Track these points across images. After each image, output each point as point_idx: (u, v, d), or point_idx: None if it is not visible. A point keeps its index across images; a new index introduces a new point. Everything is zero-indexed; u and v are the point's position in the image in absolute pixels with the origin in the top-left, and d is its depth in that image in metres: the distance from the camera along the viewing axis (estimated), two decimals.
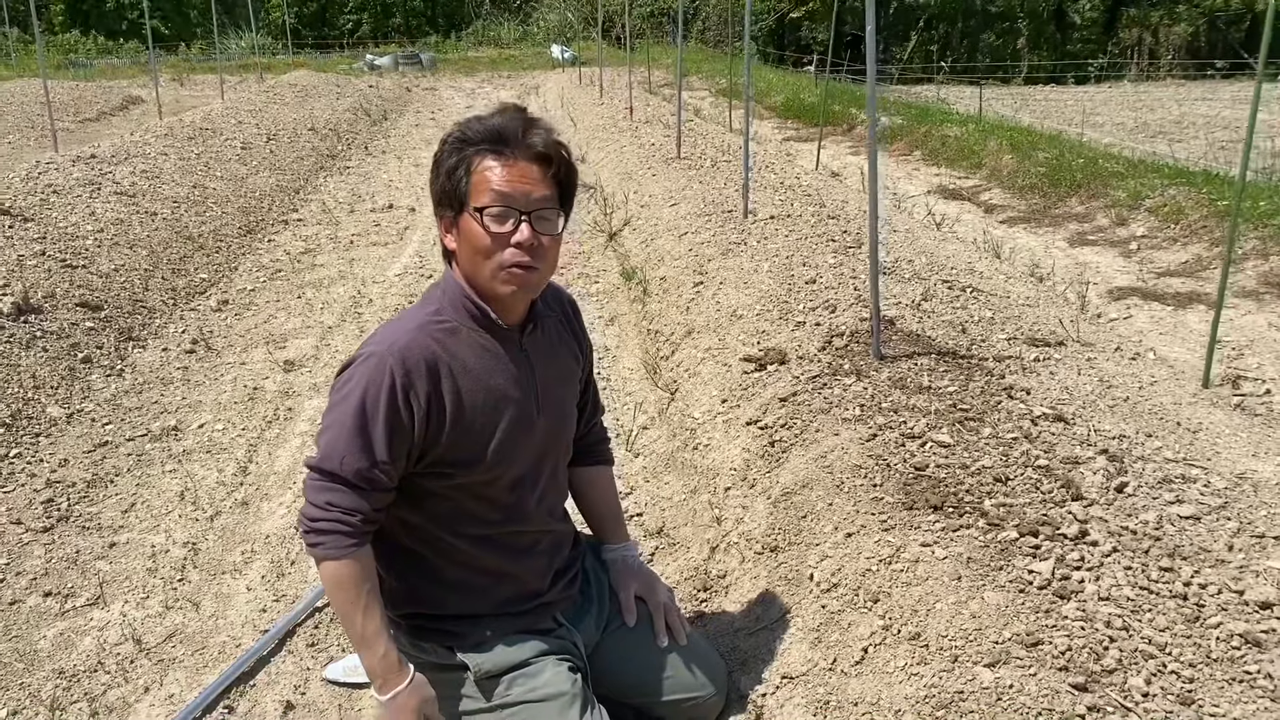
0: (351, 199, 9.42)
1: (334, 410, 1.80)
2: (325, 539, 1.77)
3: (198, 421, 4.32)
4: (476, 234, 1.79)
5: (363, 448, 1.76)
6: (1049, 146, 10.43)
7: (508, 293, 1.82)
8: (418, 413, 1.79)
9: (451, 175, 1.81)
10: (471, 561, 1.96)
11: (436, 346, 1.82)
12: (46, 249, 5.81)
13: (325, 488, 1.78)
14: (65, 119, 15.23)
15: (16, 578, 3.14)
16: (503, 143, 1.79)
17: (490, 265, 1.80)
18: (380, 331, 1.87)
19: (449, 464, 1.86)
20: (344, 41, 37.88)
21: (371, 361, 1.78)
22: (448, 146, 1.83)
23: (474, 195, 1.79)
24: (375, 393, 1.76)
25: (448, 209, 1.84)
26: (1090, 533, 2.30)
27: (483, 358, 1.87)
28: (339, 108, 15.50)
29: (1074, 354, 3.75)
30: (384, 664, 1.82)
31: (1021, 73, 31.03)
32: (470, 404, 1.85)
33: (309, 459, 1.83)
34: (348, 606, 1.81)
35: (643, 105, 13.24)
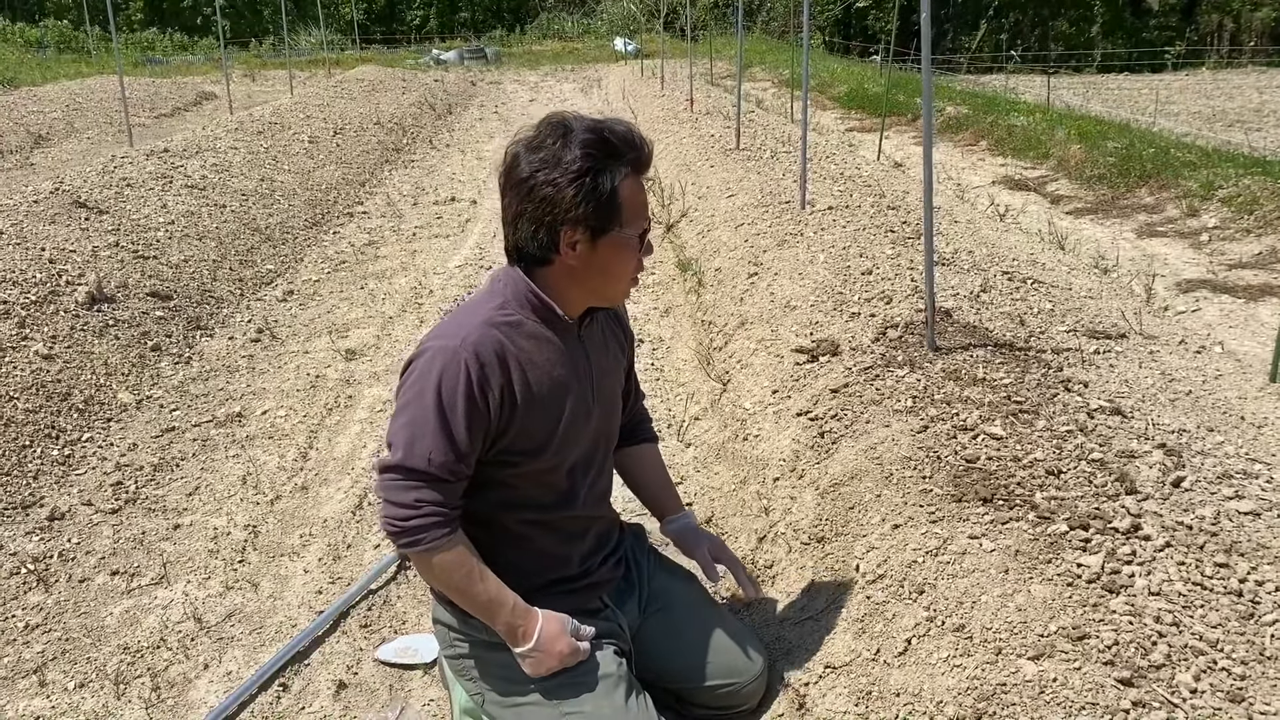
0: (415, 192, 9.55)
1: (410, 408, 1.80)
2: (423, 535, 1.79)
3: (261, 408, 4.43)
4: (628, 256, 1.85)
5: (448, 442, 1.78)
6: (1119, 136, 10.19)
7: (621, 299, 1.97)
8: (493, 404, 1.81)
9: (604, 195, 1.78)
10: (525, 544, 2.00)
11: (504, 339, 1.83)
12: (120, 240, 5.99)
13: (411, 486, 1.79)
14: (141, 115, 15.66)
15: (86, 556, 3.26)
16: (641, 161, 1.83)
17: (623, 285, 1.90)
18: (445, 325, 1.88)
19: (516, 452, 1.89)
20: (411, 36, 38.34)
21: (444, 356, 1.79)
22: (590, 159, 1.77)
23: (630, 218, 1.82)
24: (453, 386, 1.77)
25: (584, 226, 1.79)
26: (1143, 527, 2.26)
27: (546, 349, 1.89)
28: (404, 102, 15.70)
29: (1136, 347, 3.67)
30: (515, 614, 1.89)
31: (1095, 61, 30.32)
32: (537, 394, 1.87)
33: (386, 460, 1.82)
34: (464, 583, 1.86)
35: (703, 97, 13.21)
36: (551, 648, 1.90)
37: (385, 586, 3.03)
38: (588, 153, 1.77)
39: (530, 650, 1.90)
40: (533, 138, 1.83)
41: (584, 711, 1.93)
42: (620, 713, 1.92)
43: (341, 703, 2.55)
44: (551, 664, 1.92)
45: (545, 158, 1.78)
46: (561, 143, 1.78)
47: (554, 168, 1.77)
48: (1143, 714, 1.71)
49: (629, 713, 1.93)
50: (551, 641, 1.90)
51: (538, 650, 1.90)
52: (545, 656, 1.91)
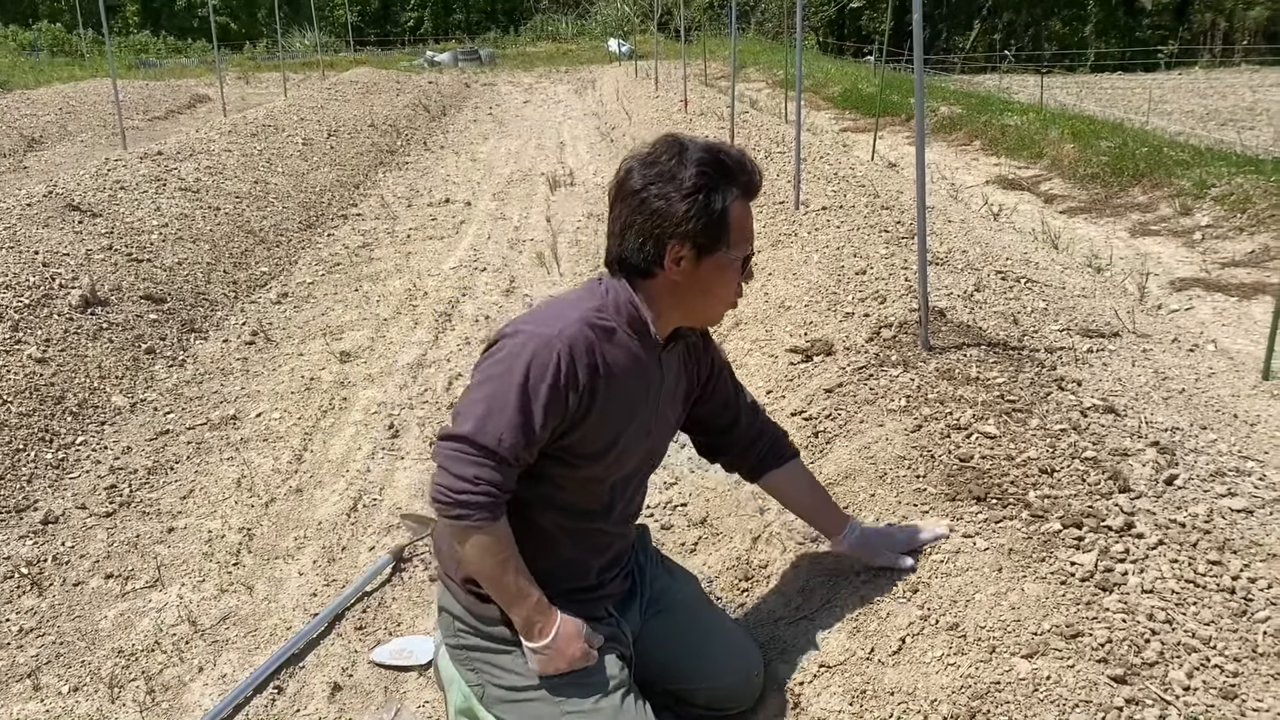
0: (409, 194, 9.54)
1: (490, 384, 1.79)
2: (472, 512, 1.79)
3: (255, 411, 4.42)
4: (726, 278, 1.86)
5: (523, 427, 1.77)
6: (1112, 135, 10.21)
7: (716, 322, 2.00)
8: (573, 401, 1.80)
9: (715, 215, 1.80)
10: (552, 548, 1.99)
11: (597, 342, 1.83)
12: (113, 243, 5.98)
13: (473, 461, 1.77)
14: (135, 118, 15.64)
15: (80, 560, 3.25)
16: (753, 188, 1.86)
17: (719, 307, 1.92)
18: (540, 313, 1.89)
19: (574, 453, 1.89)
20: (405, 38, 38.32)
21: (538, 342, 1.78)
22: (706, 177, 1.80)
23: (736, 241, 1.84)
24: (540, 373, 1.76)
25: (691, 242, 1.81)
26: (1136, 525, 2.26)
27: (630, 363, 1.89)
28: (399, 104, 15.70)
29: (1129, 345, 3.68)
30: (537, 609, 1.89)
31: (1088, 61, 30.37)
32: (612, 403, 1.87)
33: (453, 430, 1.80)
34: (496, 569, 1.86)
35: (697, 98, 13.22)
36: (565, 648, 1.91)
37: (380, 589, 3.03)
38: (702, 170, 1.79)
39: (544, 648, 1.90)
40: (648, 154, 1.85)
41: (584, 711, 1.93)
42: (619, 716, 1.92)
43: (336, 705, 2.55)
44: (561, 665, 1.92)
45: (660, 172, 1.81)
46: (677, 159, 1.81)
47: (668, 182, 1.80)
48: (1136, 711, 1.72)
49: (627, 716, 1.93)
50: (566, 642, 1.91)
51: (551, 649, 1.90)
52: (557, 656, 1.91)
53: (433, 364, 4.93)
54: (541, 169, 10.58)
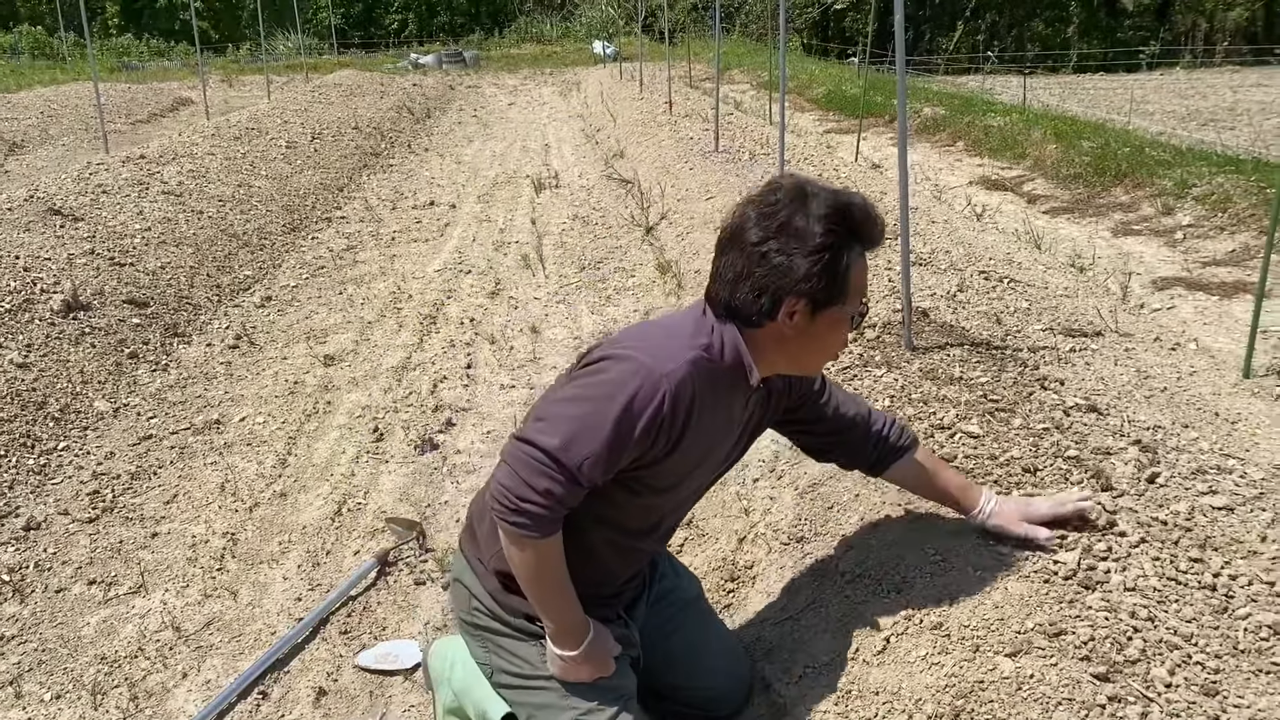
0: (394, 196, 9.52)
1: (587, 404, 1.73)
2: (533, 522, 1.74)
3: (239, 415, 4.41)
4: (841, 335, 1.82)
5: (607, 459, 1.72)
6: (1094, 135, 10.27)
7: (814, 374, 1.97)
8: (660, 442, 1.76)
9: (838, 273, 1.73)
10: (592, 558, 1.95)
11: (698, 388, 1.76)
12: (96, 248, 5.95)
13: (549, 476, 1.72)
14: (117, 121, 15.56)
15: (63, 566, 3.23)
16: (874, 242, 1.79)
17: (825, 359, 1.88)
18: (652, 339, 1.82)
19: (644, 484, 1.86)
20: (389, 41, 38.23)
21: (645, 376, 1.71)
22: (836, 235, 1.72)
23: (851, 297, 1.77)
24: (640, 410, 1.70)
25: (810, 299, 1.74)
26: (1119, 523, 2.27)
27: (721, 410, 1.85)
28: (383, 106, 15.66)
29: (1111, 344, 3.70)
30: (575, 623, 1.87)
31: (1071, 61, 30.52)
32: (695, 445, 1.83)
33: (536, 439, 1.73)
34: (542, 581, 1.83)
35: (682, 99, 13.23)
36: (590, 664, 1.90)
37: (365, 593, 3.02)
38: (830, 228, 1.71)
39: (569, 657, 1.88)
40: (765, 199, 1.77)
41: (589, 711, 1.92)
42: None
43: (322, 710, 2.54)
44: (582, 677, 1.91)
45: (781, 225, 1.72)
46: (799, 211, 1.72)
47: (790, 237, 1.71)
48: (1119, 709, 1.72)
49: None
50: (592, 659, 1.90)
51: (576, 661, 1.89)
52: (580, 670, 1.90)
53: (417, 367, 4.92)
54: (526, 171, 10.57)
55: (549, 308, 5.84)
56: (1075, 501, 2.20)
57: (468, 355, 5.06)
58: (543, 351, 5.09)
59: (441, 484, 3.73)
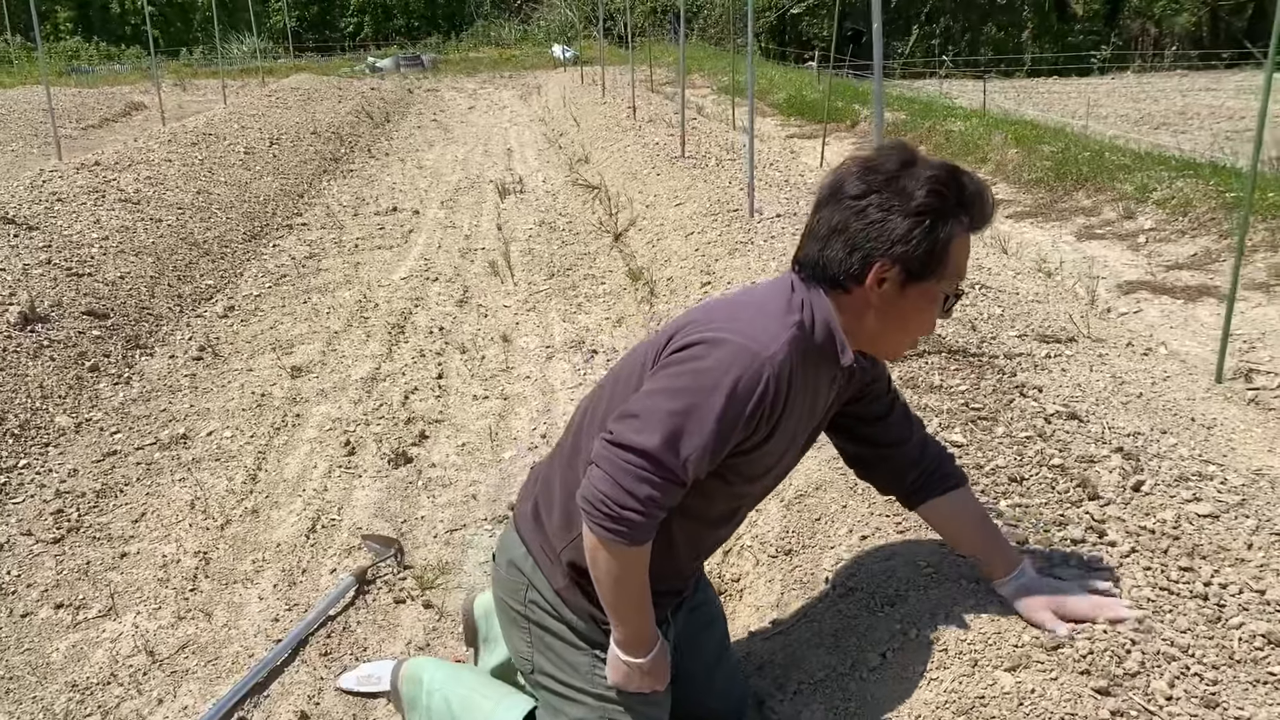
0: (355, 202, 9.41)
1: (687, 396, 1.60)
2: (631, 530, 1.63)
3: (206, 429, 4.31)
4: (930, 313, 1.68)
5: (714, 453, 1.62)
6: (1054, 140, 10.39)
7: (889, 359, 1.80)
8: (761, 429, 1.66)
9: (938, 242, 1.61)
10: (670, 550, 1.85)
11: (796, 370, 1.65)
12: (52, 258, 5.81)
13: (652, 481, 1.60)
14: (68, 126, 15.25)
15: (28, 589, 3.14)
16: (984, 221, 1.67)
17: (906, 340, 1.73)
18: (744, 318, 1.68)
19: (738, 472, 1.75)
20: (345, 44, 37.88)
21: (748, 360, 1.59)
22: (943, 199, 1.61)
23: (950, 274, 1.65)
24: (746, 397, 1.59)
25: (904, 265, 1.62)
26: (1108, 533, 2.28)
27: (812, 391, 1.74)
28: (341, 111, 15.49)
29: (1085, 350, 3.73)
30: (650, 628, 1.80)
31: (1025, 65, 30.94)
32: (788, 431, 1.74)
33: (634, 440, 1.61)
34: (629, 584, 1.72)
35: (645, 104, 13.22)
36: (650, 675, 1.83)
37: (344, 612, 2.96)
38: (936, 190, 1.60)
39: (633, 664, 1.81)
40: (870, 157, 1.68)
41: None
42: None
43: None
44: (638, 686, 1.85)
45: (886, 180, 1.63)
46: (906, 170, 1.63)
47: (895, 194, 1.61)
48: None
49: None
50: (654, 670, 1.83)
51: (642, 670, 1.82)
52: (639, 678, 1.83)
53: (387, 377, 4.85)
54: (490, 176, 10.50)
55: (519, 316, 5.79)
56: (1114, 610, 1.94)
57: (438, 365, 5.00)
58: (515, 361, 5.04)
59: (417, 498, 3.67)
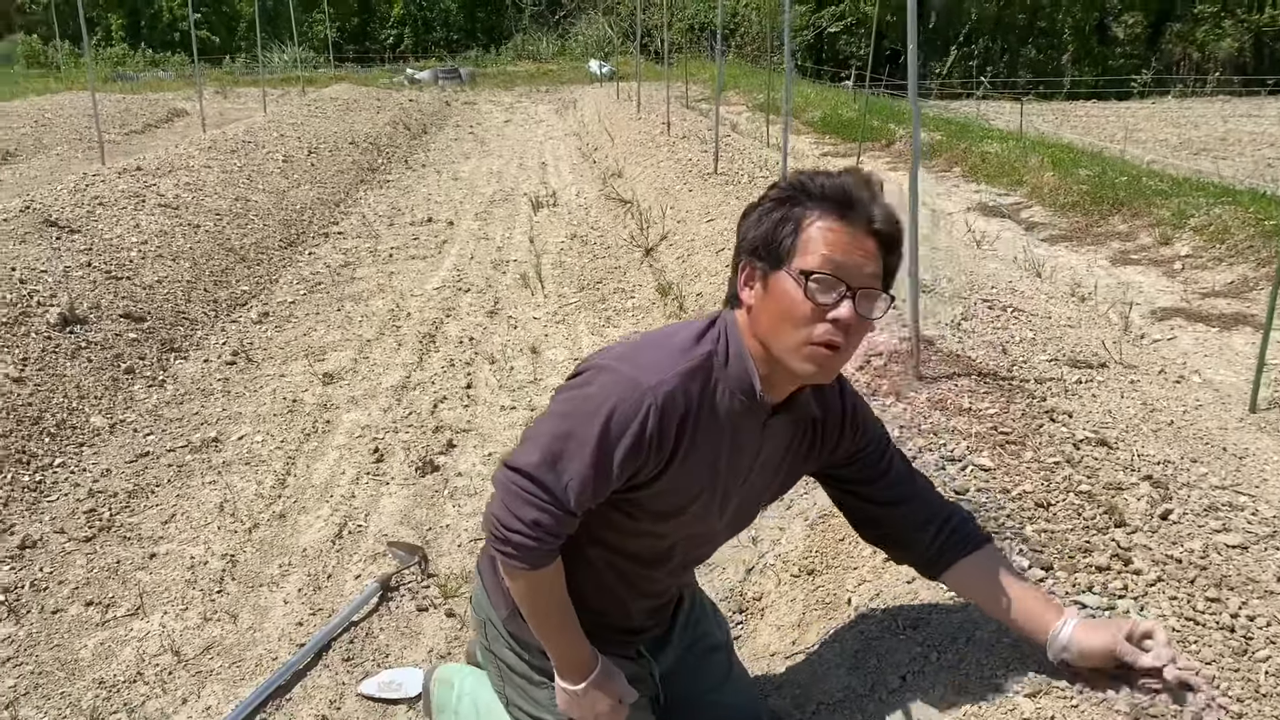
0: (391, 212, 9.50)
1: (570, 421, 1.64)
2: (520, 553, 1.67)
3: (237, 433, 4.37)
4: (793, 299, 1.59)
5: (594, 480, 1.63)
6: (1091, 164, 10.32)
7: (806, 371, 1.62)
8: (652, 461, 1.65)
9: (779, 225, 1.62)
10: (600, 582, 1.88)
11: (694, 400, 1.65)
12: (92, 260, 5.91)
13: (537, 506, 1.64)
14: (112, 131, 15.51)
15: (59, 586, 3.19)
16: (849, 206, 1.60)
17: (796, 336, 1.60)
18: (644, 351, 1.70)
19: (640, 508, 1.76)
20: (385, 55, 38.27)
21: (629, 389, 1.61)
22: (781, 193, 1.65)
23: (800, 254, 1.60)
24: (624, 426, 1.60)
25: (759, 259, 1.65)
26: (1134, 561, 2.26)
27: (724, 429, 1.71)
28: (379, 121, 15.66)
29: (1117, 376, 3.69)
30: (578, 654, 1.80)
31: (1064, 88, 30.75)
32: (690, 473, 1.71)
33: (523, 463, 1.66)
34: (542, 609, 1.76)
35: (680, 120, 13.26)
36: (591, 703, 1.82)
37: (367, 618, 2.98)
38: (779, 185, 1.67)
39: (572, 692, 1.81)
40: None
41: None
42: None
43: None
44: (585, 715, 1.83)
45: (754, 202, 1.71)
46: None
47: (753, 207, 1.69)
48: None
49: None
50: (593, 698, 1.81)
51: (579, 696, 1.81)
52: (581, 705, 1.83)
53: (417, 386, 4.89)
54: (524, 189, 10.57)
55: (548, 328, 5.82)
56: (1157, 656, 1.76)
57: (467, 375, 5.03)
58: (543, 372, 5.07)
59: (443, 507, 3.69)
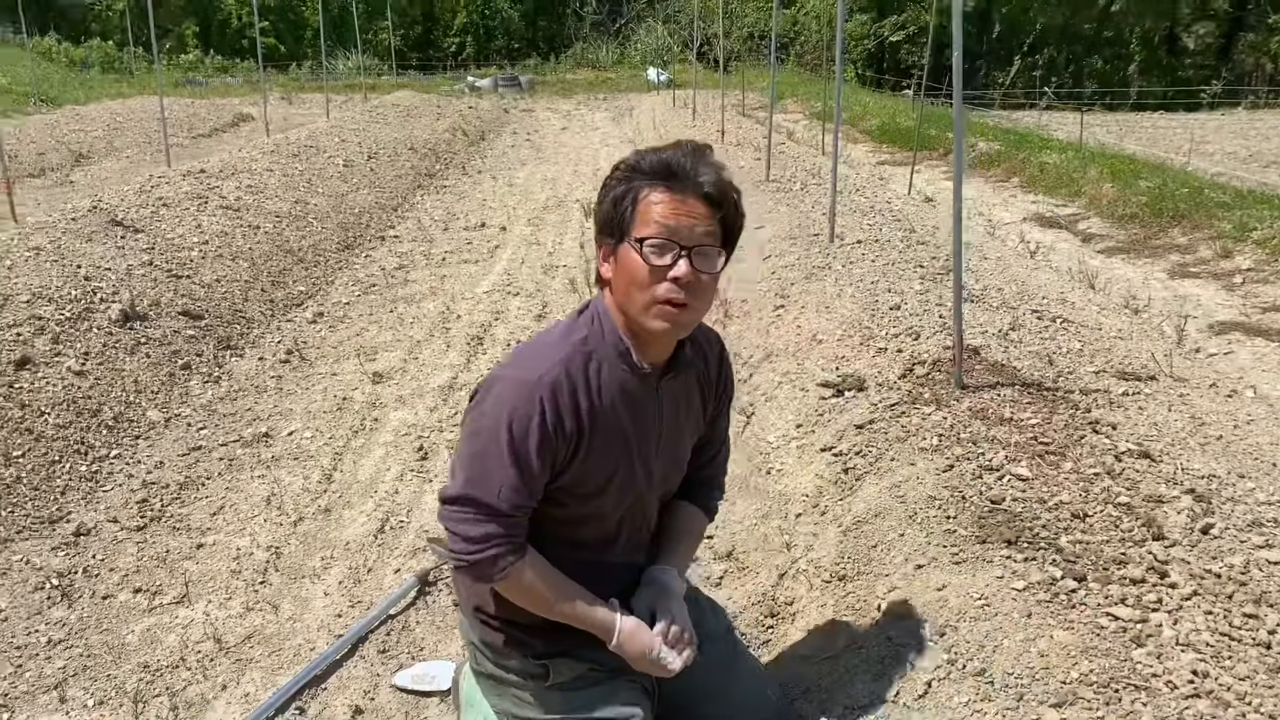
0: (446, 217, 9.62)
1: (479, 438, 1.78)
2: (493, 568, 1.80)
3: (288, 429, 4.46)
4: (635, 264, 1.76)
5: (518, 479, 1.76)
6: (1152, 175, 10.13)
7: (659, 329, 1.78)
8: (561, 444, 1.78)
9: (618, 204, 1.79)
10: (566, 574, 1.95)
11: (580, 380, 1.80)
12: (154, 259, 6.07)
13: (478, 520, 1.78)
14: (179, 135, 15.90)
15: (110, 573, 3.28)
16: (672, 176, 1.76)
17: (644, 298, 1.76)
18: (523, 355, 1.86)
19: (570, 494, 1.86)
20: (447, 63, 38.75)
21: (518, 390, 1.76)
22: (617, 174, 1.81)
23: (637, 226, 1.76)
24: (526, 424, 1.74)
25: (608, 236, 1.82)
26: (1170, 574, 2.23)
27: (620, 396, 1.85)
28: (438, 128, 15.86)
29: (1165, 389, 3.63)
30: (597, 616, 1.89)
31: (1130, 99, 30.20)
32: (602, 441, 1.84)
33: (453, 492, 1.80)
34: (544, 603, 1.87)
35: (735, 128, 13.26)
36: (631, 649, 1.90)
37: (404, 612, 3.03)
38: (616, 168, 1.83)
39: (617, 648, 1.90)
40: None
41: None
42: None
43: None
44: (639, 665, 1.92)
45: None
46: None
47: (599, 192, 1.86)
48: None
49: None
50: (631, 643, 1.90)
51: (622, 650, 1.90)
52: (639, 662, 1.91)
53: (463, 387, 4.95)
54: (577, 195, 10.63)
55: None
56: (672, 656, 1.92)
57: None
58: None
59: None
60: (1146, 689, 1.84)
